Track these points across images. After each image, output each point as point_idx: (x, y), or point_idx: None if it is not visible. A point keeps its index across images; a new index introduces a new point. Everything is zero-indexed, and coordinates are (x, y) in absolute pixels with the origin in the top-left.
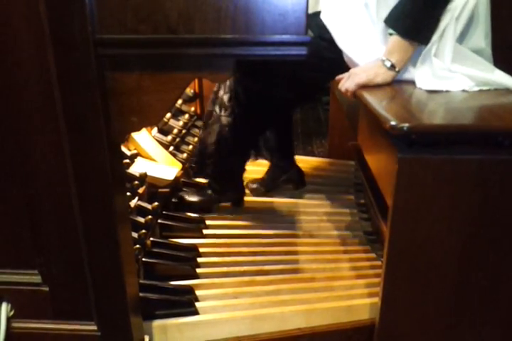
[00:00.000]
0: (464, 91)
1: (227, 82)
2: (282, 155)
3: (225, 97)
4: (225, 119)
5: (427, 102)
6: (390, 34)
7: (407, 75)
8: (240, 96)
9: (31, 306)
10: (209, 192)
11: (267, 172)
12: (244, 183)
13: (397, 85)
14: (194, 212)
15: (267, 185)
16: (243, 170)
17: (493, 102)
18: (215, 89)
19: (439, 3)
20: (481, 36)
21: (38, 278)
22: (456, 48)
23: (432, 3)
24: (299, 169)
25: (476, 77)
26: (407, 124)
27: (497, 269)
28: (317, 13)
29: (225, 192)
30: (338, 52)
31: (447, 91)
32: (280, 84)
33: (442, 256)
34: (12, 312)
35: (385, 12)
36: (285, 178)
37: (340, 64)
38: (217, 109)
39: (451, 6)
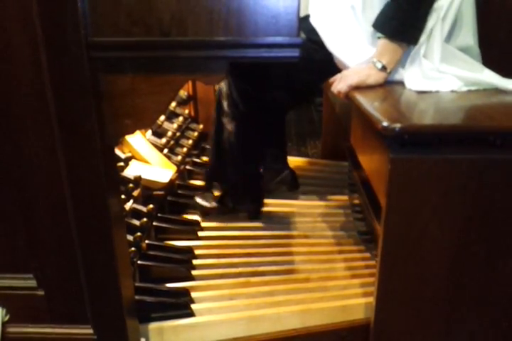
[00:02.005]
0: (453, 91)
1: (224, 89)
2: (276, 157)
3: (225, 104)
4: (229, 126)
5: (419, 103)
6: (379, 37)
7: (397, 76)
8: (235, 100)
9: (27, 310)
10: (227, 201)
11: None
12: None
13: (388, 86)
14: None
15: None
16: (259, 178)
17: (483, 102)
18: (217, 98)
19: (423, 3)
20: (468, 34)
21: (33, 282)
22: (444, 48)
23: (416, 4)
24: (291, 170)
25: (464, 77)
26: (399, 125)
27: (490, 268)
28: (305, 17)
29: (243, 202)
30: (328, 55)
31: (437, 92)
32: (273, 87)
33: (436, 255)
34: (7, 317)
35: (370, 13)
36: (279, 180)
37: (331, 66)
38: (223, 118)
39: (436, 6)
